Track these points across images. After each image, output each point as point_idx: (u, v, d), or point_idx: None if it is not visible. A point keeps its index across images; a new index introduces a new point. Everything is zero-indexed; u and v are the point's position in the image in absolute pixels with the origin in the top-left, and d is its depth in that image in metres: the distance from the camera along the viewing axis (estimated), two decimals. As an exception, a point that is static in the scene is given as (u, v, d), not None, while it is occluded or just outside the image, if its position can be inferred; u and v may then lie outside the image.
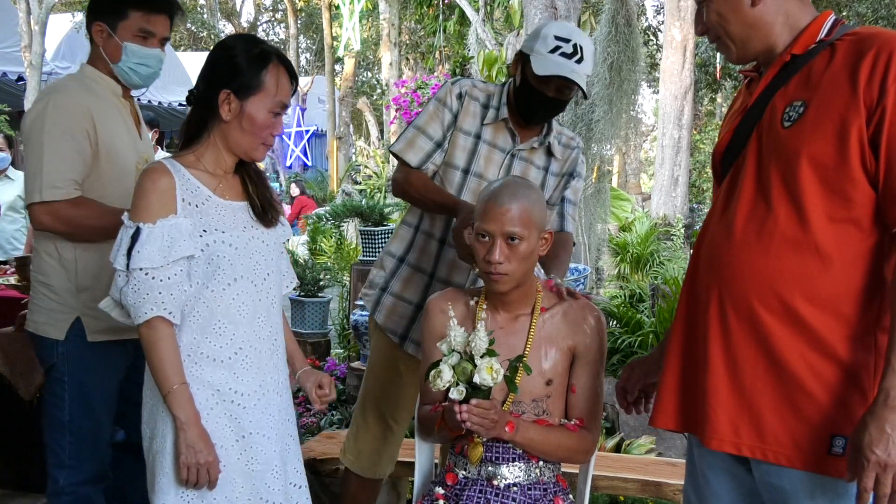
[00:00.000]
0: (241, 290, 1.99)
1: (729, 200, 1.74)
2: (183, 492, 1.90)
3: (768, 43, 1.73)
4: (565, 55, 2.43)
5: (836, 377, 1.62)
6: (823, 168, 1.59)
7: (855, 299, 1.61)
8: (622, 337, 4.82)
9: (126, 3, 2.43)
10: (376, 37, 17.72)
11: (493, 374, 1.90)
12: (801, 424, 1.63)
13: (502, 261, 2.02)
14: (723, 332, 1.70)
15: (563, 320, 2.16)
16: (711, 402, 1.71)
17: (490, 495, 2.09)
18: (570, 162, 2.72)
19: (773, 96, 1.71)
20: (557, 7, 6.16)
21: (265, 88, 1.96)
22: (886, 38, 1.59)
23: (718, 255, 1.73)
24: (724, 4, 1.72)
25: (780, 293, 1.63)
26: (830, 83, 1.62)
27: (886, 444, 1.47)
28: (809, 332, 1.62)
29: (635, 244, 7.26)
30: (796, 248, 1.62)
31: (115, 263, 1.88)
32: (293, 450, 2.14)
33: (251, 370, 2.01)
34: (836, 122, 1.58)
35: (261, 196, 2.08)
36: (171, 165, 1.93)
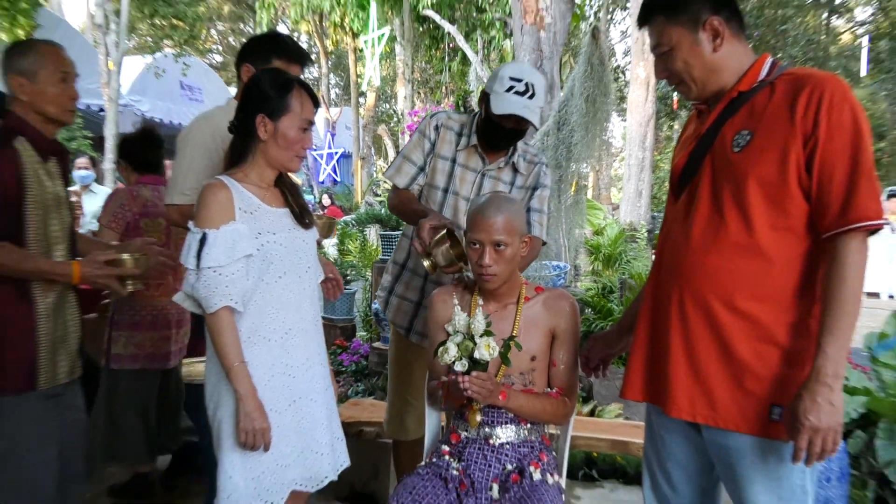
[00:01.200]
0: (289, 282, 2.01)
1: (688, 212, 1.74)
2: (244, 450, 1.91)
3: (722, 83, 1.74)
4: (518, 93, 2.43)
5: (775, 358, 1.63)
6: (768, 186, 1.61)
7: (792, 294, 1.63)
8: (595, 322, 4.82)
9: (272, 52, 2.47)
10: (393, 74, 17.71)
11: (490, 350, 1.92)
12: (745, 397, 1.65)
13: (491, 264, 2.04)
14: (682, 322, 1.71)
15: (543, 307, 2.17)
16: (672, 379, 1.72)
17: (487, 452, 2.10)
18: (534, 176, 2.70)
19: (722, 126, 1.71)
20: (543, 50, 6.16)
21: (292, 109, 1.97)
22: (819, 78, 1.60)
23: (679, 257, 1.73)
24: (689, 53, 1.71)
25: (730, 289, 1.65)
26: (772, 115, 1.63)
27: (818, 412, 1.49)
28: (754, 322, 1.63)
29: (606, 245, 7.25)
30: (744, 252, 1.64)
31: (186, 263, 1.89)
32: (334, 410, 2.16)
33: (299, 346, 2.03)
34: (778, 148, 1.59)
35: (298, 204, 2.09)
36: (226, 180, 1.95)
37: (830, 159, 1.55)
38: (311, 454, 2.03)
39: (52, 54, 2.30)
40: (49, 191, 2.26)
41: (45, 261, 2.21)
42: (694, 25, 1.69)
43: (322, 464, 2.05)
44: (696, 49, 1.70)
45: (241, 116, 2.00)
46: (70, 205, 2.43)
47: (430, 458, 2.19)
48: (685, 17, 1.69)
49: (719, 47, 1.70)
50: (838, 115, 1.55)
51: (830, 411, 1.50)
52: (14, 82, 2.25)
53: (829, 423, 1.50)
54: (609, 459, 3.74)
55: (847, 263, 1.54)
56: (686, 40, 1.70)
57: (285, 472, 1.98)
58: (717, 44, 1.69)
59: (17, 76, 2.25)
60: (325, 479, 2.06)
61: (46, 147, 2.30)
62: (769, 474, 1.66)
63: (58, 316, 2.28)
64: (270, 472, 1.95)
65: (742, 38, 1.74)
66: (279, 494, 1.97)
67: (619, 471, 3.72)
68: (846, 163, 1.54)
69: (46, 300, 2.24)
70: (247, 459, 1.93)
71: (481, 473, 2.07)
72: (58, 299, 2.27)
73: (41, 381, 2.21)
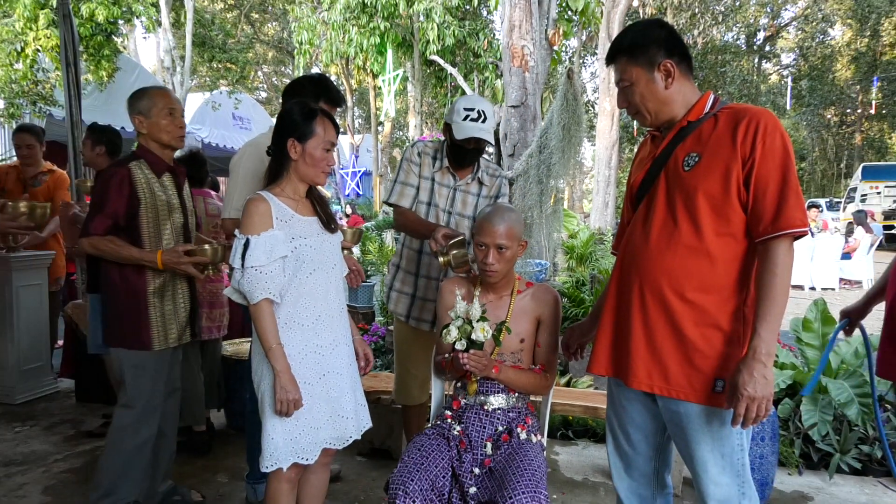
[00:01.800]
0: (318, 277, 1.99)
1: (646, 218, 1.73)
2: (283, 416, 1.91)
3: (672, 114, 1.73)
4: (473, 119, 2.50)
5: (718, 340, 1.62)
6: (713, 198, 1.60)
7: (732, 287, 1.62)
8: (571, 309, 4.79)
9: (319, 94, 2.56)
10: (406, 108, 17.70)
11: (484, 332, 1.90)
12: (694, 372, 1.63)
13: (494, 263, 2.04)
14: (642, 309, 1.69)
15: (532, 298, 2.15)
16: (633, 356, 1.71)
17: (482, 416, 2.08)
18: (496, 187, 2.72)
19: (674, 149, 1.71)
20: (527, 88, 6.13)
21: (317, 133, 1.97)
22: (754, 112, 1.60)
23: (639, 255, 1.71)
24: (645, 88, 1.71)
25: (682, 282, 1.63)
26: (717, 141, 1.62)
27: (754, 384, 1.49)
28: (701, 310, 1.62)
29: (579, 246, 7.21)
30: (694, 252, 1.63)
31: (233, 264, 1.89)
32: (358, 381, 2.14)
33: (327, 329, 2.01)
34: (722, 168, 1.59)
35: (325, 213, 2.08)
36: (266, 195, 1.95)
37: (765, 177, 1.55)
38: (339, 418, 2.01)
39: (160, 96, 2.50)
40: (161, 199, 2.47)
41: (137, 249, 2.39)
42: (650, 66, 1.68)
43: (347, 426, 2.03)
44: (651, 86, 1.70)
45: (275, 141, 2.00)
46: (185, 210, 2.58)
47: (435, 421, 2.17)
48: (643, 59, 1.69)
49: (671, 85, 1.69)
50: (771, 142, 1.55)
51: (764, 383, 1.49)
52: (135, 120, 2.48)
53: (763, 392, 1.49)
54: (582, 422, 3.71)
55: (778, 263, 1.53)
56: (643, 78, 1.70)
57: (317, 433, 1.97)
58: (669, 82, 1.69)
59: (137, 115, 2.47)
60: (350, 439, 2.05)
61: (161, 166, 2.50)
62: (713, 435, 1.65)
63: (165, 294, 2.48)
64: (305, 433, 1.94)
65: (690, 77, 1.74)
66: (312, 452, 1.96)
67: (591, 431, 3.69)
68: (778, 180, 1.54)
69: (156, 282, 2.45)
70: (285, 423, 1.92)
71: (477, 434, 2.05)
72: (164, 282, 2.47)
73: (154, 343, 2.45)
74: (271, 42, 25.43)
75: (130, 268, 2.41)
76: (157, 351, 2.45)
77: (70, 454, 3.36)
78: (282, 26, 23.90)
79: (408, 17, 12.88)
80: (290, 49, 20.28)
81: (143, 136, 2.49)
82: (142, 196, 2.41)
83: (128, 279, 2.42)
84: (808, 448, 3.29)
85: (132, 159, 2.45)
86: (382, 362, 4.82)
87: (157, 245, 2.44)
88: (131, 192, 2.38)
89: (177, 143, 2.53)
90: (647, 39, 1.68)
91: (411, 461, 1.92)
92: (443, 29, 12.22)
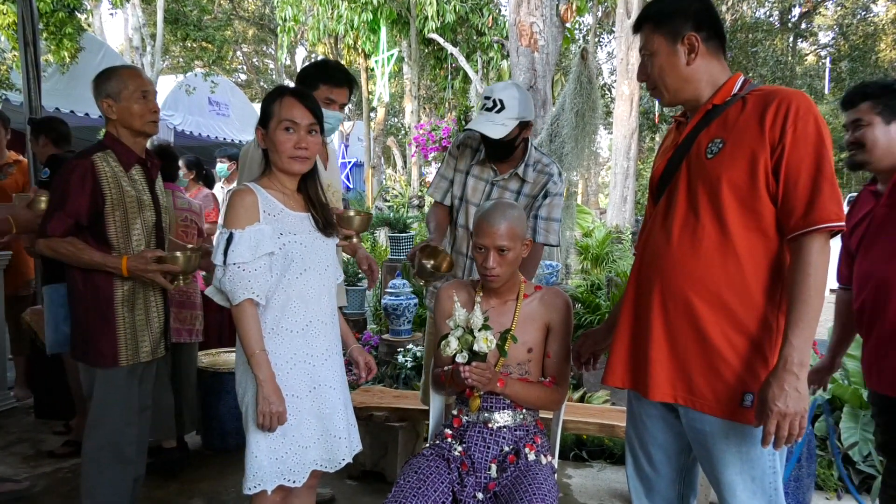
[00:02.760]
0: (309, 278, 1.99)
1: (667, 214, 1.73)
2: (263, 431, 1.90)
3: (695, 94, 1.74)
4: (486, 109, 2.52)
5: (746, 349, 1.61)
6: (739, 189, 1.59)
7: (762, 290, 1.61)
8: (585, 316, 4.79)
9: (317, 78, 2.55)
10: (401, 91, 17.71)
11: (487, 343, 1.90)
12: (720, 383, 1.63)
13: (495, 266, 2.04)
14: (663, 314, 1.69)
15: (540, 303, 2.15)
16: (654, 365, 1.70)
17: (486, 435, 2.08)
18: (541, 185, 2.67)
19: (698, 135, 1.71)
20: (536, 69, 6.14)
21: (274, 113, 1.96)
22: (785, 94, 1.59)
23: (660, 255, 1.71)
24: (665, 61, 1.72)
25: (707, 284, 1.63)
26: (743, 126, 1.62)
27: (785, 398, 1.48)
28: (729, 314, 1.61)
29: (595, 246, 7.20)
30: (719, 251, 1.62)
31: (215, 260, 1.89)
32: (349, 398, 2.14)
33: (319, 337, 2.01)
34: (747, 155, 1.59)
35: (322, 214, 2.07)
36: (253, 187, 1.96)
37: (796, 166, 1.54)
38: (331, 437, 2.01)
39: (131, 76, 2.46)
40: (130, 195, 2.42)
41: (99, 254, 2.35)
42: (674, 37, 1.70)
43: (340, 447, 2.03)
44: (672, 59, 1.71)
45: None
46: (157, 207, 2.55)
47: (434, 441, 2.17)
48: (668, 28, 1.71)
49: (693, 61, 1.70)
50: (803, 126, 1.54)
51: (797, 397, 1.48)
52: (104, 104, 2.44)
53: (796, 408, 1.48)
54: (597, 441, 3.72)
55: (810, 262, 1.52)
56: (664, 49, 1.72)
57: (306, 453, 1.96)
58: (692, 57, 1.70)
59: (106, 99, 2.43)
60: (343, 461, 2.04)
61: (130, 158, 2.45)
62: (742, 456, 1.64)
63: (136, 303, 2.45)
64: (293, 452, 1.94)
65: (720, 57, 1.73)
66: (300, 474, 1.95)
67: (607, 452, 3.70)
68: (810, 169, 1.53)
69: (124, 288, 2.41)
70: (271, 440, 1.91)
71: (481, 455, 2.05)
72: (134, 289, 2.45)
73: (122, 359, 2.41)
74: (252, 19, 25.42)
75: (97, 272, 2.37)
76: (127, 366, 2.43)
77: (30, 476, 3.36)
78: (264, 1, 23.92)
79: (404, -10, 12.88)
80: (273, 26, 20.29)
81: (112, 122, 2.44)
82: (107, 191, 2.35)
83: (94, 285, 2.38)
84: (848, 470, 3.30)
85: (98, 149, 2.41)
86: (376, 375, 4.82)
87: (127, 247, 2.40)
88: (94, 187, 2.32)
89: (150, 128, 2.50)
90: (677, 9, 1.70)
91: (408, 485, 1.92)
92: (442, 4, 12.22)
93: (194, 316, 3.56)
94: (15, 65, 7.14)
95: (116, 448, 2.42)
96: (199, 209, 3.83)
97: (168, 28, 13.53)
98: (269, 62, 28.52)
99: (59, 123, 3.60)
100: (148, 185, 2.52)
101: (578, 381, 4.19)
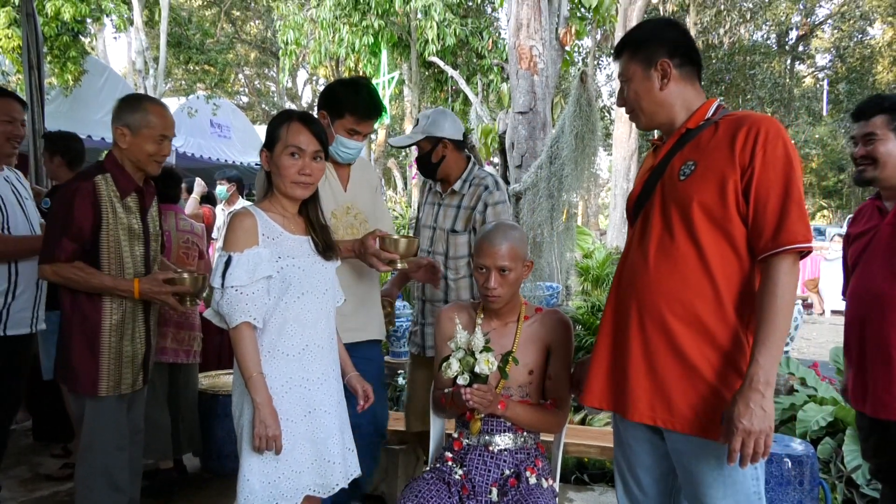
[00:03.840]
0: (307, 302, 1.98)
1: (643, 235, 1.76)
2: (264, 454, 1.88)
3: (669, 118, 1.79)
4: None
5: (724, 367, 1.63)
6: (709, 210, 1.63)
7: (734, 308, 1.63)
8: (585, 337, 4.79)
9: (344, 108, 2.42)
10: (402, 114, 17.82)
11: (489, 365, 1.90)
12: (700, 403, 1.64)
13: (496, 287, 2.04)
14: (641, 333, 1.70)
15: (541, 325, 2.15)
16: (633, 386, 1.71)
17: (487, 458, 2.07)
18: (476, 196, 2.78)
19: (672, 158, 1.75)
20: (536, 92, 6.18)
21: (281, 138, 1.96)
22: (756, 119, 1.64)
23: (636, 275, 1.74)
24: (640, 86, 1.78)
25: (683, 303, 1.65)
26: (714, 149, 1.66)
27: (750, 416, 1.49)
28: (705, 333, 1.63)
29: (595, 268, 7.20)
30: (694, 270, 1.64)
31: (213, 283, 1.90)
32: (347, 422, 2.12)
33: (315, 361, 2.00)
34: (718, 177, 1.62)
35: (322, 238, 2.06)
36: (253, 210, 1.97)
37: (765, 189, 1.57)
38: (325, 462, 1.99)
39: (157, 115, 2.40)
40: (123, 222, 2.37)
41: (110, 277, 2.32)
42: (648, 64, 1.76)
43: (334, 471, 2.01)
44: (646, 84, 1.77)
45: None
46: (147, 238, 2.49)
47: (434, 464, 2.16)
48: (643, 55, 1.77)
49: (666, 86, 1.75)
50: (772, 150, 1.58)
51: (762, 416, 1.49)
52: (117, 131, 2.37)
53: (761, 426, 1.49)
54: (599, 464, 3.69)
55: (778, 283, 1.55)
56: (639, 75, 1.77)
57: (300, 477, 1.95)
58: (665, 83, 1.75)
59: (122, 126, 2.36)
60: (337, 487, 2.02)
61: (128, 186, 2.40)
62: (725, 479, 1.64)
63: (124, 332, 2.39)
64: (286, 477, 1.92)
65: (694, 82, 1.79)
66: (293, 499, 1.93)
67: (609, 475, 3.67)
68: (778, 192, 1.57)
69: (114, 316, 2.36)
70: (264, 465, 1.90)
71: (481, 478, 2.04)
72: (123, 318, 2.38)
73: (102, 389, 2.33)
74: (254, 42, 25.67)
75: (85, 296, 2.32)
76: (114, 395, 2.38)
77: (26, 500, 3.33)
78: (266, 25, 24.15)
79: (404, 14, 13.01)
80: (275, 49, 20.47)
81: (119, 149, 2.39)
82: (104, 216, 2.31)
83: (82, 312, 2.33)
84: (851, 493, 3.27)
85: (98, 171, 2.35)
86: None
87: (119, 274, 2.36)
88: (96, 210, 2.29)
89: (153, 169, 2.45)
90: (653, 36, 1.77)
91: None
92: (443, 27, 12.33)
93: (192, 337, 3.54)
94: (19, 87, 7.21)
95: (108, 474, 2.38)
96: (201, 231, 3.84)
97: (171, 51, 13.67)
98: (270, 85, 28.75)
99: (75, 141, 3.56)
100: (140, 213, 2.46)
101: (579, 403, 4.17)
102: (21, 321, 2.75)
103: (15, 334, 2.72)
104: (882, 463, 2.23)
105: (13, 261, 2.69)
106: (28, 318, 2.78)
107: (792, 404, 3.63)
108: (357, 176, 2.65)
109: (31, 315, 2.80)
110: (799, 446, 2.81)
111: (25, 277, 2.73)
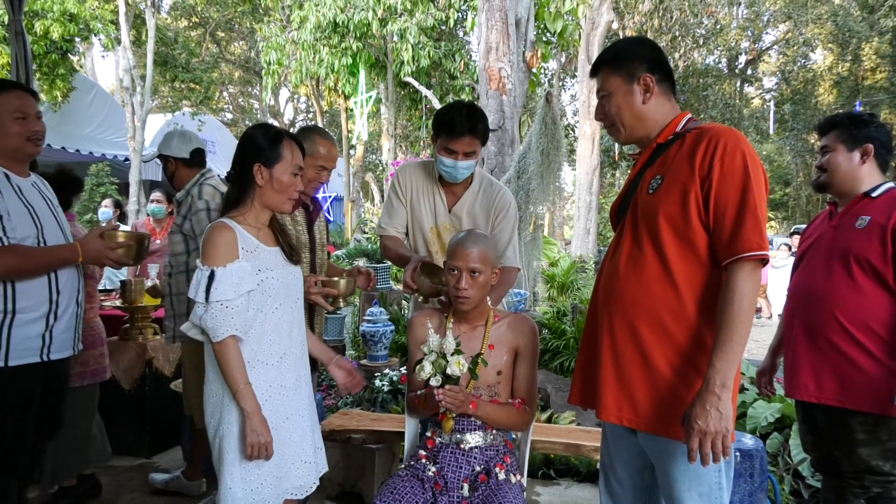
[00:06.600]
0: (283, 312, 1.96)
1: (617, 245, 1.77)
2: (245, 462, 1.85)
3: (647, 132, 1.78)
4: None
5: (684, 368, 1.62)
6: (673, 222, 1.62)
7: (697, 314, 1.62)
8: (551, 341, 4.81)
9: (438, 128, 2.47)
10: (379, 130, 17.80)
11: (460, 366, 1.90)
12: (663, 404, 1.64)
13: (467, 287, 2.03)
14: (611, 339, 1.71)
15: (508, 328, 2.16)
16: (602, 387, 1.72)
17: (458, 455, 2.07)
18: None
19: (644, 172, 1.75)
20: (505, 111, 6.23)
21: (284, 157, 1.94)
22: (716, 131, 1.63)
23: (610, 284, 1.74)
24: (622, 100, 1.76)
25: (649, 310, 1.65)
26: (678, 162, 1.66)
27: (707, 417, 1.49)
28: (670, 338, 1.63)
29: (560, 275, 7.24)
30: (659, 279, 1.64)
31: (195, 298, 1.83)
32: (317, 422, 2.11)
33: (290, 369, 1.97)
34: (680, 189, 1.62)
35: (287, 244, 2.05)
36: (230, 223, 1.90)
37: (723, 198, 1.56)
38: (301, 464, 1.97)
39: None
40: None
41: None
42: (630, 78, 1.74)
43: (310, 472, 1.99)
44: (628, 98, 1.75)
45: (238, 167, 1.96)
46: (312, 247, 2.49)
47: (408, 462, 2.15)
48: (624, 70, 1.74)
49: (648, 100, 1.74)
50: (730, 161, 1.57)
51: (718, 417, 1.48)
52: None
53: (717, 427, 1.48)
54: (564, 460, 3.70)
55: (736, 289, 1.53)
56: (622, 89, 1.75)
57: (280, 482, 1.92)
58: (647, 97, 1.74)
59: None
60: (313, 486, 2.00)
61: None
62: (689, 474, 1.64)
63: None
64: (267, 483, 1.89)
65: (671, 97, 1.78)
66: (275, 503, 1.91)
67: (573, 470, 3.68)
68: (735, 201, 1.55)
69: None
70: (246, 472, 1.86)
71: (453, 474, 2.04)
72: None
73: None
74: (238, 62, 25.48)
75: None
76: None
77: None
78: (249, 45, 23.99)
79: (381, 37, 13.03)
80: (258, 69, 20.34)
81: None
82: None
83: None
84: (797, 484, 3.32)
85: None
86: (353, 399, 4.76)
87: None
88: None
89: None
90: (632, 52, 1.76)
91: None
92: (417, 50, 12.38)
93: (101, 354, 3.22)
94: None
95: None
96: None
97: (157, 69, 13.50)
98: (254, 102, 28.52)
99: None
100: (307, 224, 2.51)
101: (546, 402, 4.18)
102: (64, 343, 2.32)
103: (59, 358, 2.30)
104: (821, 456, 2.30)
105: (53, 273, 2.26)
106: (70, 340, 2.36)
107: (743, 402, 3.68)
108: (470, 199, 2.61)
109: (72, 336, 2.37)
110: (749, 441, 2.84)
111: (67, 294, 2.31)
